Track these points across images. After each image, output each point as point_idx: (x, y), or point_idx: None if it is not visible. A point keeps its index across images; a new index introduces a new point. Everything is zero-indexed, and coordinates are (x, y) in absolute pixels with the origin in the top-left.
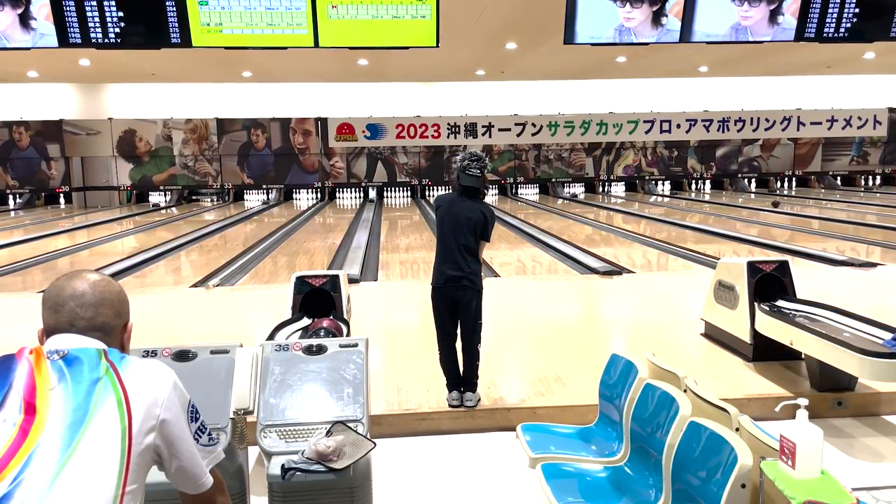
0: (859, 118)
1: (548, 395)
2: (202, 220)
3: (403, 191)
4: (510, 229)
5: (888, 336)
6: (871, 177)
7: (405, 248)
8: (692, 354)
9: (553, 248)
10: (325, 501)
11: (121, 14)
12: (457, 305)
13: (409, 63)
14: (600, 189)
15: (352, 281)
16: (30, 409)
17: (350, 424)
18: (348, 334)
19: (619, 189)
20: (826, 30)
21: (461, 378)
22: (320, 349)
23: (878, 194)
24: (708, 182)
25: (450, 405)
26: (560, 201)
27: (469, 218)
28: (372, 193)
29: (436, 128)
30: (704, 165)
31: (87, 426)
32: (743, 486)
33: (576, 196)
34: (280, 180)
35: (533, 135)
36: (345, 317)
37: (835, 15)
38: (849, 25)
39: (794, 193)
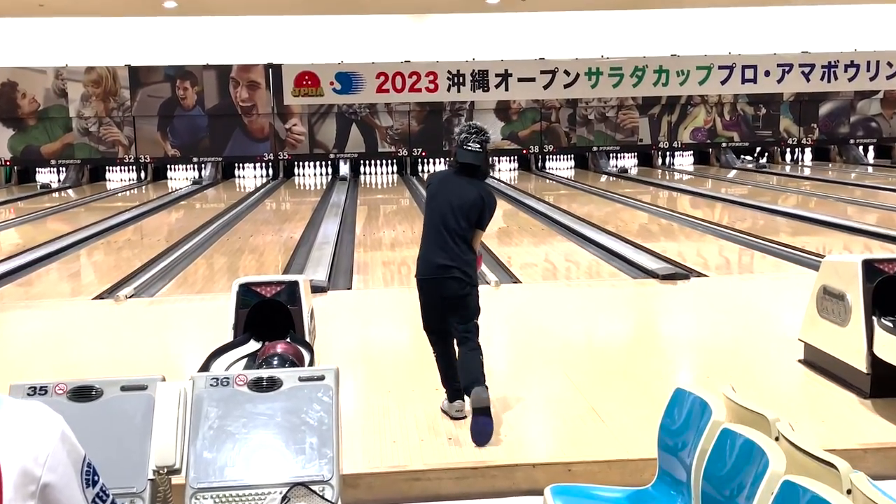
0: None
1: (587, 445)
2: (110, 206)
3: (387, 164)
4: (535, 217)
5: None
6: None
7: (390, 244)
8: (787, 388)
9: (594, 242)
10: None
11: None
12: (447, 302)
13: None
14: (659, 161)
15: (316, 289)
16: None
17: (315, 487)
18: (312, 363)
19: (685, 161)
20: None
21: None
22: (273, 384)
23: None
24: (808, 151)
25: (451, 417)
26: (604, 178)
27: (463, 201)
28: (344, 168)
29: (432, 78)
30: (803, 128)
31: None
32: None
33: (626, 171)
34: (217, 151)
35: (566, 86)
36: (307, 339)
37: None
38: None
39: None
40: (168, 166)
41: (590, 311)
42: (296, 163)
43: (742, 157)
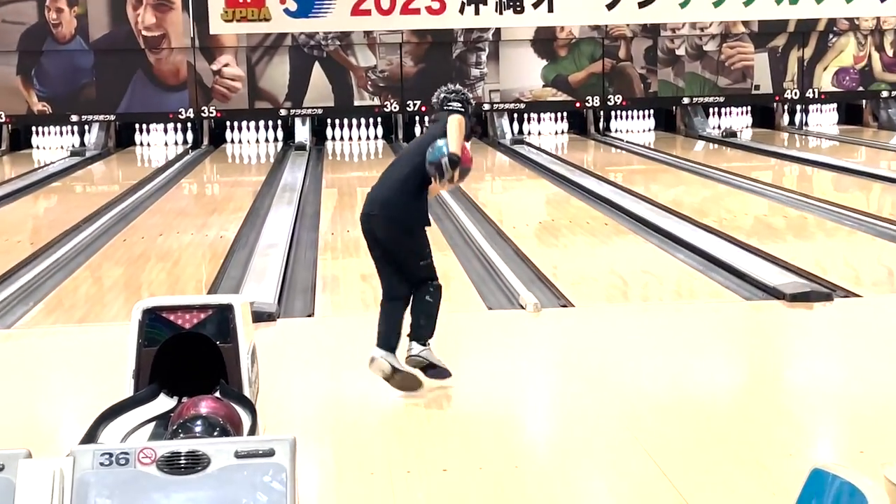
0: None
1: None
2: None
3: (368, 125)
4: (595, 205)
5: None
6: None
7: None
8: None
9: (685, 244)
10: None
11: None
12: (378, 246)
13: None
14: (785, 119)
15: (260, 317)
16: None
17: None
18: (254, 430)
19: (825, 119)
20: None
21: (397, 337)
22: (196, 462)
23: None
24: None
25: (369, 367)
26: (700, 145)
27: (422, 138)
28: (301, 132)
29: None
30: None
31: None
32: None
33: (734, 134)
34: (108, 106)
35: (641, 5)
36: (246, 393)
37: None
38: None
39: None
40: (34, 129)
41: (678, 348)
42: (228, 123)
43: None
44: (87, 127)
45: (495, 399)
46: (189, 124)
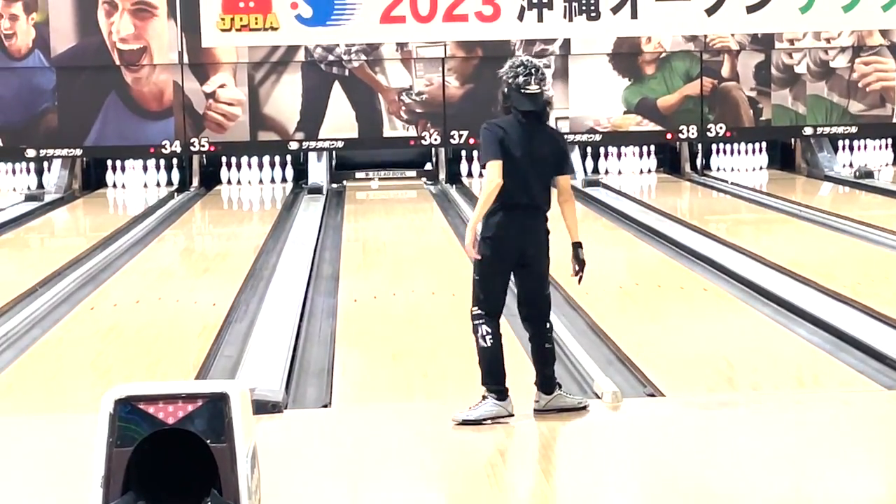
0: None
1: None
2: None
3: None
4: (691, 265)
5: None
6: None
7: (407, 318)
8: None
9: (807, 316)
10: None
11: None
12: (523, 263)
13: None
14: None
15: (263, 408)
16: None
17: None
18: None
19: None
20: None
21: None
22: None
23: None
24: None
25: (509, 412)
26: (827, 188)
27: (543, 154)
28: (316, 170)
29: None
30: None
31: None
32: None
33: (870, 174)
34: (73, 138)
35: (750, 9)
36: None
37: None
38: None
39: None
40: None
41: (799, 451)
42: (224, 159)
43: None
44: (46, 164)
45: None
46: (175, 161)
